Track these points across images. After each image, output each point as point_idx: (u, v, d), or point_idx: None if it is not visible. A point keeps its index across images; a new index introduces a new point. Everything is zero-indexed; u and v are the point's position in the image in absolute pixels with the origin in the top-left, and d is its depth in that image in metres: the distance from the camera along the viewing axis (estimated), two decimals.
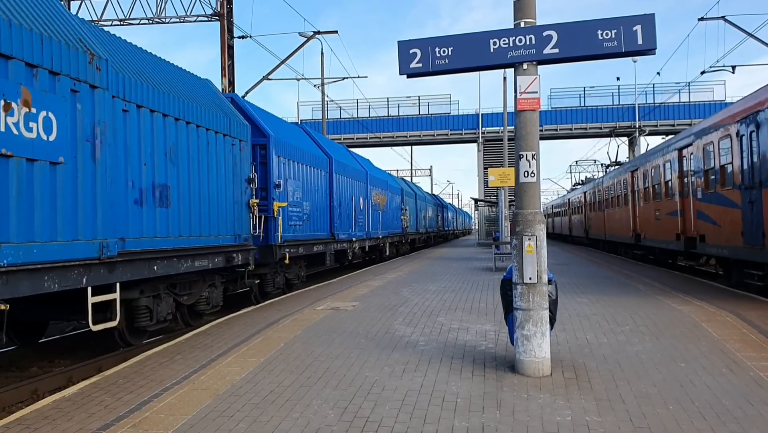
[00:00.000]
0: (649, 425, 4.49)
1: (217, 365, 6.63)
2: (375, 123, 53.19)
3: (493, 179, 23.38)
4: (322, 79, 31.41)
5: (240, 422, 4.76)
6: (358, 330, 8.52)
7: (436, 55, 6.44)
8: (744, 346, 7.00)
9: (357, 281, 15.63)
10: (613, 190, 25.94)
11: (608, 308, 10.08)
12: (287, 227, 13.92)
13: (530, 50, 6.12)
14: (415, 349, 7.24)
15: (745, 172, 11.32)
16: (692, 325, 8.38)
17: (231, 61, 22.10)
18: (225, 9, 21.99)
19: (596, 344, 7.28)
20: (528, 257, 5.96)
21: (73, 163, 6.91)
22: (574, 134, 51.56)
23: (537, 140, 6.20)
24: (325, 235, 17.15)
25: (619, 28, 5.95)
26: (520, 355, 5.99)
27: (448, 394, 5.40)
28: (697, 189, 14.31)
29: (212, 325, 9.43)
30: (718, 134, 12.88)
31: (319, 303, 11.37)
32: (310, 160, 15.98)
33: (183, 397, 5.47)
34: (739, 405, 4.91)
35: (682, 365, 6.21)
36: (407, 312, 10.03)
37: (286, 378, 6.04)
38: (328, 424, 4.67)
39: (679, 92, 47.62)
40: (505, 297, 6.36)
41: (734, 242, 11.95)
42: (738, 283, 12.72)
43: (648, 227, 19.64)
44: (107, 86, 7.54)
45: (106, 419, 4.94)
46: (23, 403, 6.90)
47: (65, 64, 6.82)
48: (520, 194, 6.18)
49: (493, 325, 8.72)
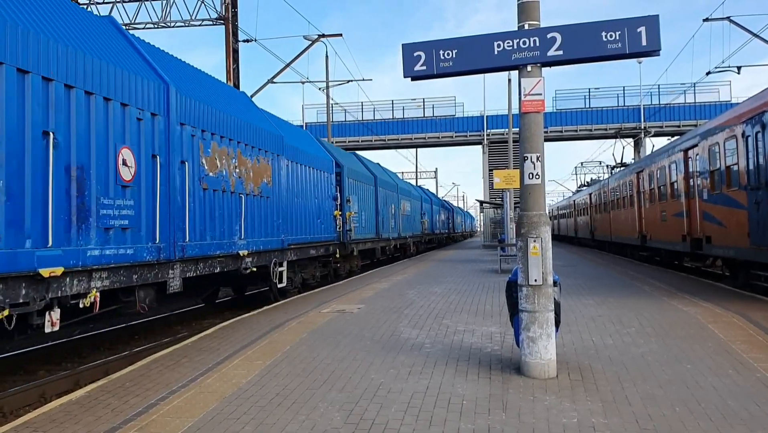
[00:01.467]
0: (656, 427, 4.48)
1: (224, 368, 6.65)
2: (380, 126, 53.22)
3: (498, 181, 23.32)
4: (326, 82, 31.47)
5: (246, 425, 4.77)
6: (363, 333, 8.53)
7: (440, 57, 6.45)
8: (750, 347, 6.98)
9: (362, 284, 15.64)
10: (619, 191, 25.89)
11: (614, 309, 10.07)
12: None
13: (534, 52, 6.13)
14: (420, 351, 7.25)
15: (751, 172, 11.29)
16: (698, 326, 8.36)
17: (236, 65, 22.17)
18: (230, 13, 22.07)
19: (602, 346, 7.27)
20: (533, 258, 5.96)
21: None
22: (580, 136, 51.47)
23: (541, 142, 6.21)
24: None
25: (623, 30, 5.95)
26: (526, 357, 5.99)
27: (453, 396, 5.40)
28: (703, 190, 14.28)
29: (218, 328, 9.45)
30: (723, 135, 12.85)
31: (325, 306, 11.39)
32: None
33: (189, 400, 5.49)
34: (745, 406, 4.90)
35: (688, 367, 6.19)
36: (413, 314, 10.04)
37: (292, 381, 6.06)
38: (334, 426, 4.68)
39: (684, 93, 47.53)
40: (510, 299, 6.36)
41: (740, 242, 11.92)
42: (744, 284, 12.69)
43: (654, 229, 19.59)
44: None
45: (114, 421, 4.96)
46: (31, 406, 6.95)
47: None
48: (524, 196, 6.18)
49: (498, 327, 8.72)
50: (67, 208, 6.83)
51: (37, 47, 6.48)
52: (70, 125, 6.91)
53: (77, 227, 6.95)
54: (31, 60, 6.39)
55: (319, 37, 27.99)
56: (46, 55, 6.58)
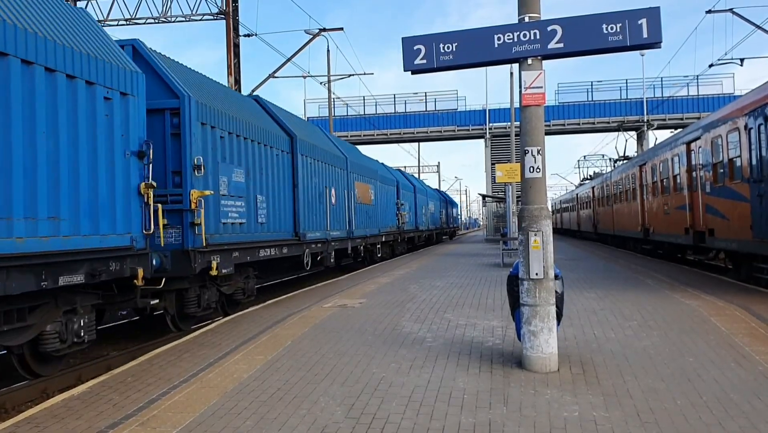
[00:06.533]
0: (657, 420, 4.48)
1: (225, 363, 6.65)
2: (382, 120, 53.17)
3: (500, 175, 23.29)
4: (328, 77, 31.42)
5: (247, 420, 4.78)
6: (365, 327, 8.53)
7: (440, 51, 6.42)
8: (753, 340, 6.97)
9: (365, 278, 15.64)
10: (622, 184, 25.83)
11: (616, 302, 10.05)
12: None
13: (535, 45, 6.10)
14: (422, 345, 7.25)
15: (754, 165, 11.24)
16: (701, 319, 8.34)
17: (237, 60, 22.14)
18: (230, 7, 22.02)
19: (604, 339, 7.26)
20: (534, 252, 5.95)
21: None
22: (582, 129, 51.38)
23: (542, 135, 6.19)
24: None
25: (624, 22, 5.91)
26: (527, 351, 5.98)
27: (455, 390, 5.40)
28: (706, 183, 14.23)
29: (220, 323, 9.46)
30: (726, 127, 12.80)
31: (327, 300, 11.39)
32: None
33: (191, 395, 5.50)
34: (747, 399, 4.88)
35: (690, 360, 6.18)
36: (414, 309, 10.03)
37: (293, 375, 6.06)
38: (335, 421, 4.68)
39: (687, 86, 47.34)
40: (511, 293, 6.34)
41: (743, 235, 11.88)
42: (747, 277, 12.65)
43: (657, 222, 19.54)
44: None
45: (115, 417, 4.97)
46: (33, 402, 6.96)
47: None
48: (525, 190, 6.16)
49: (500, 321, 8.71)
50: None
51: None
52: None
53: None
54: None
55: (321, 32, 27.93)
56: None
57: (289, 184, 13.89)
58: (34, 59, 6.42)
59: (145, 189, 8.19)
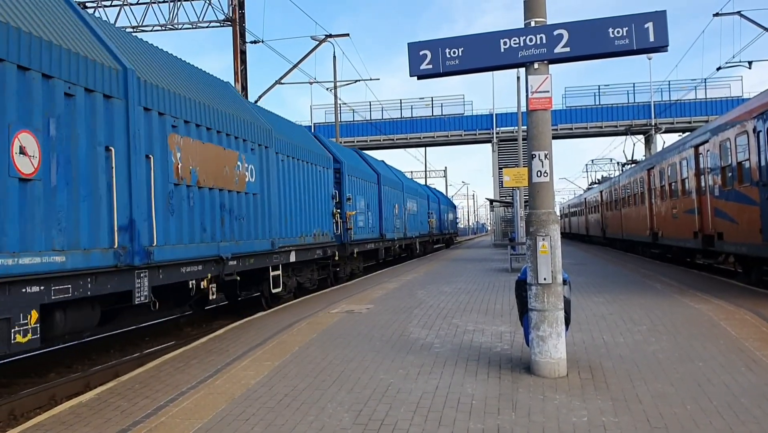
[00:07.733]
0: (667, 425, 4.44)
1: (233, 369, 6.65)
2: (388, 125, 53.18)
3: (508, 179, 23.25)
4: (334, 83, 31.48)
5: (255, 426, 4.77)
6: (372, 333, 8.52)
7: (446, 56, 6.43)
8: (763, 344, 6.91)
9: (372, 284, 15.63)
10: (630, 188, 25.74)
11: (625, 307, 10.00)
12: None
13: (541, 49, 6.09)
14: (430, 351, 7.22)
15: (763, 168, 11.18)
16: (710, 323, 8.28)
17: (243, 66, 22.22)
18: (237, 14, 22.13)
19: (613, 344, 7.22)
20: (542, 257, 5.93)
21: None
22: (590, 133, 51.23)
23: (549, 140, 6.17)
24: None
25: (630, 26, 5.90)
26: (536, 356, 5.96)
27: (463, 396, 5.37)
28: (714, 186, 14.16)
29: (227, 329, 9.47)
30: (734, 131, 12.74)
31: (334, 306, 11.38)
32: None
33: (199, 401, 5.50)
34: (758, 404, 4.84)
35: (700, 364, 6.13)
36: (422, 314, 10.01)
37: (301, 381, 6.05)
38: (343, 427, 4.67)
39: (695, 89, 47.19)
40: (519, 298, 6.32)
41: (753, 239, 11.80)
42: (757, 281, 12.57)
43: (665, 226, 19.45)
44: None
45: (123, 424, 4.97)
46: (41, 409, 6.97)
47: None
48: (533, 194, 6.15)
49: (508, 326, 8.68)
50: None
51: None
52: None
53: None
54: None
55: (327, 38, 28.00)
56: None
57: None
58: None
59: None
